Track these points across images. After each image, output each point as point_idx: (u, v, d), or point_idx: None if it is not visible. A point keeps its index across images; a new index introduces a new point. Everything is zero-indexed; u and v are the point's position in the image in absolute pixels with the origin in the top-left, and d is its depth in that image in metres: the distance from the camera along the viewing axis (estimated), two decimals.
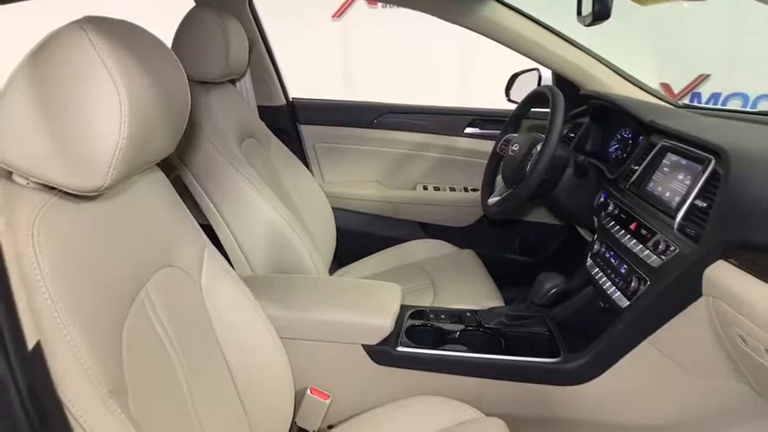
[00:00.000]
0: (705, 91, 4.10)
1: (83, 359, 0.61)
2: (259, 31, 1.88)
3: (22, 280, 0.49)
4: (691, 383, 1.17)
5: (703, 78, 4.04)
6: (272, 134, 1.75)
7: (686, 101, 4.09)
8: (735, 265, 0.97)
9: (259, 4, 1.91)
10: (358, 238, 2.06)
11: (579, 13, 1.21)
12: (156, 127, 0.73)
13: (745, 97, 3.99)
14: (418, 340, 1.24)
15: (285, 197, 1.58)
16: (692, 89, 4.06)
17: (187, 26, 1.39)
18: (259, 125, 1.69)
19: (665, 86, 4.05)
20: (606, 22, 1.17)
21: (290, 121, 2.07)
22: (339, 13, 4.44)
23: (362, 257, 1.92)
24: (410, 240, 1.95)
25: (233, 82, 1.71)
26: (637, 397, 1.20)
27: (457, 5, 1.70)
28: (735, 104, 4.01)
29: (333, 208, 1.92)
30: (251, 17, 1.83)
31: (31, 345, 0.46)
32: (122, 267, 0.77)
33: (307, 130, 2.11)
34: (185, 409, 0.84)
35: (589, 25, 1.09)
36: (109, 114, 0.64)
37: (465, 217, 2.07)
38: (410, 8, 1.78)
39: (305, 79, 2.32)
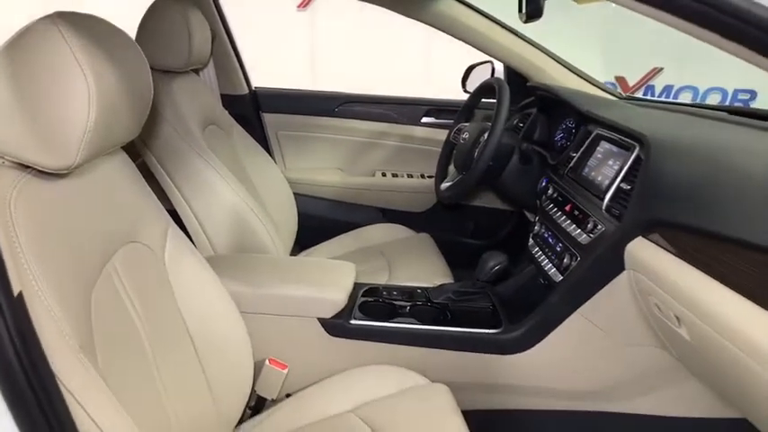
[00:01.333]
0: (658, 84, 4.26)
1: (55, 316, 0.68)
2: (222, 22, 1.93)
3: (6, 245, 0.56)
4: (617, 351, 1.28)
5: (656, 72, 4.20)
6: (234, 122, 1.81)
7: (641, 93, 4.26)
8: (651, 241, 1.08)
9: None
10: (319, 222, 2.14)
11: (520, 10, 1.31)
12: (120, 112, 0.80)
13: (695, 90, 4.17)
14: (370, 314, 1.33)
15: (247, 182, 1.65)
16: (645, 82, 4.23)
17: (151, 17, 1.44)
18: (222, 113, 1.75)
19: (621, 79, 4.21)
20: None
21: (252, 110, 2.14)
22: (304, 4, 4.46)
23: (324, 241, 2.00)
24: (369, 225, 2.04)
25: (196, 71, 1.76)
26: (569, 364, 1.32)
27: (411, 1, 1.78)
28: (686, 97, 4.19)
29: (295, 194, 1.99)
30: (213, 8, 1.89)
31: (15, 292, 0.53)
32: (91, 240, 0.84)
33: (269, 119, 2.17)
34: (150, 373, 0.91)
35: (526, 23, 1.19)
36: (78, 100, 0.72)
37: (422, 202, 2.17)
38: (367, 2, 1.85)
39: (271, 71, 2.36)
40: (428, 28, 1.86)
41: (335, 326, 1.30)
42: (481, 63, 2.04)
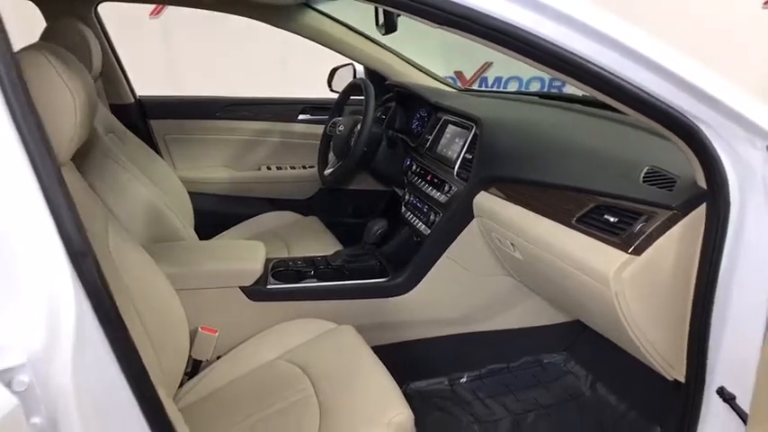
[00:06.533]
0: (490, 75, 4.88)
1: None
2: (105, 36, 2.05)
3: None
4: (477, 282, 1.68)
5: (488, 66, 4.82)
6: (126, 129, 1.94)
7: (477, 84, 4.86)
8: (490, 193, 1.48)
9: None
10: (213, 217, 2.29)
11: (377, 23, 1.63)
12: (88, 118, 1.00)
13: (520, 80, 4.85)
14: (283, 279, 1.60)
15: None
16: (479, 75, 4.83)
17: (51, 39, 1.56)
18: (115, 122, 1.88)
19: (459, 73, 4.76)
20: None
21: (139, 117, 2.26)
22: (157, 11, 4.44)
23: (219, 233, 2.19)
24: (261, 214, 2.27)
25: None
26: (443, 297, 1.68)
27: (276, 12, 2.04)
28: (513, 85, 4.85)
29: (189, 192, 2.15)
30: (96, 23, 2.00)
31: None
32: None
33: (156, 125, 2.31)
34: None
35: (384, 35, 1.51)
36: (68, 112, 0.91)
37: (306, 190, 2.45)
38: (231, 14, 2.07)
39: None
40: (284, 33, 2.10)
41: (255, 291, 1.55)
42: (343, 66, 2.35)
